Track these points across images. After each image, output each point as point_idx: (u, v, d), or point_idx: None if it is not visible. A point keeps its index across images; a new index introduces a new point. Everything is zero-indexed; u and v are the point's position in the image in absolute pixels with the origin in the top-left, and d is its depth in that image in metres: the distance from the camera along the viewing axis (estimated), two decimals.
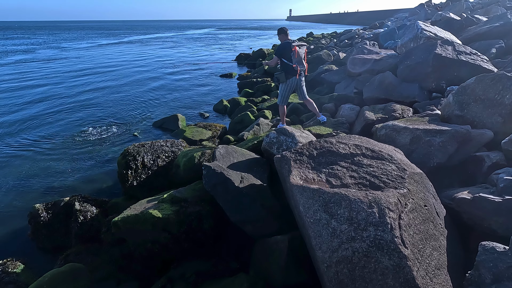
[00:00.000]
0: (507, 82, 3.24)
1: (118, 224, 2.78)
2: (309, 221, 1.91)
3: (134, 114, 8.41)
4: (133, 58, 20.63)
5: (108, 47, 29.17)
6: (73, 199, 3.66)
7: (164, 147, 4.35)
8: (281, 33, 4.73)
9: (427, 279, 1.64)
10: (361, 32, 19.23)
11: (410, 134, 3.22)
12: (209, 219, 2.89)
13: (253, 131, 5.44)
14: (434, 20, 10.20)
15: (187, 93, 10.92)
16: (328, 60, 11.17)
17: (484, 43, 6.80)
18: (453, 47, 5.33)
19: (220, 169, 2.89)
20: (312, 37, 26.82)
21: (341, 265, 1.72)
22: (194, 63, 17.01)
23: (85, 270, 2.82)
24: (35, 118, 8.04)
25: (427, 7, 17.57)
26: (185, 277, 2.66)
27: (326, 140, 2.55)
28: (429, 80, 5.20)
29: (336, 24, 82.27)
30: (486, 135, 3.12)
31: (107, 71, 15.57)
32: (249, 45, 28.87)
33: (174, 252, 2.79)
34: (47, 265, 3.14)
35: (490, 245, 1.67)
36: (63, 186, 4.77)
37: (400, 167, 2.18)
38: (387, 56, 7.11)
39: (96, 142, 6.37)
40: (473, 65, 4.98)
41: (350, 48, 12.60)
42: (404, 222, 1.76)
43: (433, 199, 2.16)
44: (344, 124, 4.65)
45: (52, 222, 3.55)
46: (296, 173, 2.25)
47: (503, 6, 12.46)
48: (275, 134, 3.46)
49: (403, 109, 4.48)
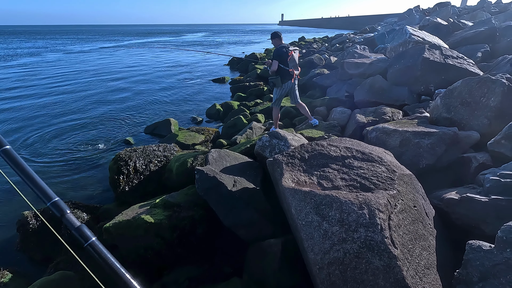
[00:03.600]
0: (492, 85, 3.34)
1: (109, 230, 2.75)
2: (301, 224, 1.92)
3: (126, 119, 8.34)
4: (124, 63, 20.49)
5: (95, 52, 28.92)
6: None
7: (157, 152, 4.33)
8: (275, 37, 4.75)
9: (416, 278, 1.67)
10: (352, 37, 19.54)
11: (399, 136, 3.29)
12: (202, 224, 2.88)
13: (246, 134, 5.45)
14: (422, 25, 10.44)
15: (179, 98, 10.89)
16: (320, 64, 11.30)
17: (470, 47, 6.99)
18: (440, 51, 5.46)
19: (213, 173, 2.89)
20: (303, 41, 27.12)
21: (333, 267, 1.74)
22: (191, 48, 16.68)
23: (75, 278, 2.77)
24: (20, 126, 7.89)
25: (415, 12, 17.97)
26: (178, 283, 2.64)
27: (318, 143, 2.59)
28: (418, 84, 5.31)
29: (327, 28, 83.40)
30: (473, 136, 3.21)
31: (95, 75, 15.42)
32: (241, 50, 29.01)
33: (167, 257, 2.77)
34: (36, 273, 3.07)
35: (477, 243, 1.72)
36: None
37: (390, 169, 2.22)
38: (377, 60, 7.24)
39: (87, 147, 6.29)
40: (460, 69, 5.11)
41: (341, 52, 12.79)
42: (393, 222, 1.79)
43: (422, 200, 2.20)
44: (336, 127, 4.70)
45: (41, 229, 3.48)
46: (288, 176, 2.27)
47: (488, 11, 12.84)
48: (267, 138, 3.48)
49: (393, 111, 4.56)
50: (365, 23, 44.89)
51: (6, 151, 0.90)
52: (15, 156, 0.90)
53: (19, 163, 0.89)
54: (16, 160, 0.90)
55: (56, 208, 0.87)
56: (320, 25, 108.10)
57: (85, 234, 0.85)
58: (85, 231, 0.85)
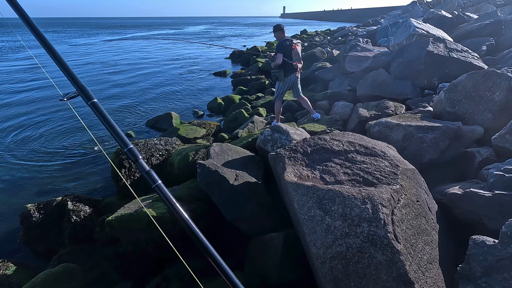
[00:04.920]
0: (497, 79, 3.29)
1: (112, 224, 2.76)
2: (303, 218, 1.92)
3: (127, 113, 8.32)
4: (125, 57, 20.37)
5: (95, 45, 28.74)
6: (65, 199, 3.62)
7: (158, 146, 4.32)
8: (277, 30, 4.68)
9: (419, 273, 1.67)
10: (354, 30, 19.31)
11: (402, 130, 3.26)
12: (204, 217, 2.89)
13: (248, 128, 5.43)
14: (426, 18, 10.30)
15: (180, 91, 10.84)
16: (322, 57, 11.20)
17: (475, 41, 6.89)
18: (444, 45, 5.39)
19: (214, 167, 2.88)
20: (305, 35, 26.83)
21: (335, 261, 1.73)
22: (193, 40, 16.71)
23: (78, 270, 2.79)
24: (23, 120, 7.89)
25: (419, 4, 17.71)
26: (180, 276, 2.65)
27: (320, 137, 2.57)
28: (421, 77, 5.25)
29: (329, 21, 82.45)
30: (476, 131, 3.17)
31: (96, 69, 15.35)
32: (243, 43, 28.75)
33: (168, 250, 2.78)
34: (40, 266, 3.10)
35: (480, 239, 1.71)
36: (55, 186, 4.71)
37: (393, 163, 2.21)
38: (380, 53, 7.15)
39: (89, 141, 6.29)
40: (464, 62, 5.05)
41: (343, 45, 12.65)
42: (397, 217, 1.78)
43: (425, 195, 2.19)
44: (338, 121, 4.67)
45: (44, 222, 3.50)
46: (290, 170, 2.26)
47: (493, 4, 12.63)
48: (269, 132, 3.46)
49: (396, 106, 4.52)
50: (368, 16, 44.33)
51: (94, 104, 1.03)
52: (101, 108, 1.03)
53: (104, 114, 1.02)
54: (102, 112, 1.02)
55: (131, 153, 0.99)
56: (322, 18, 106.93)
57: (154, 177, 0.96)
58: (153, 175, 0.97)
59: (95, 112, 1.02)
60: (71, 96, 1.07)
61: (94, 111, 1.02)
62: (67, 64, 1.09)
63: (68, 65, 1.08)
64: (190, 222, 0.91)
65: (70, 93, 1.07)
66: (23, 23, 1.10)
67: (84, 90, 1.05)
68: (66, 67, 1.07)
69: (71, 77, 1.06)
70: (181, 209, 0.93)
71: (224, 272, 0.90)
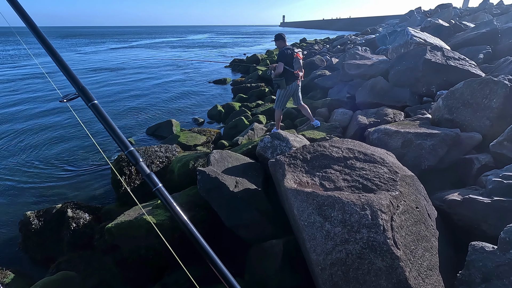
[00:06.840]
0: (494, 87, 3.34)
1: (111, 231, 2.76)
2: (303, 224, 1.92)
3: (127, 120, 8.37)
4: (125, 64, 20.57)
5: (94, 54, 29.04)
6: (65, 206, 3.62)
7: (158, 153, 4.34)
8: (279, 39, 4.75)
9: (419, 279, 1.67)
10: (353, 38, 19.55)
11: (401, 137, 3.28)
12: (204, 224, 2.88)
13: (248, 136, 5.46)
14: (423, 27, 10.45)
15: (181, 99, 10.92)
16: (321, 65, 11.31)
17: (472, 49, 6.98)
18: (442, 53, 5.46)
19: (214, 174, 2.89)
20: (305, 43, 27.15)
21: (335, 267, 1.73)
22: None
23: (77, 278, 2.77)
24: (24, 126, 7.93)
25: (416, 13, 17.98)
26: (179, 284, 2.64)
27: (320, 144, 2.59)
28: (419, 85, 5.31)
29: (328, 30, 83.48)
30: (475, 138, 3.20)
31: (97, 76, 15.49)
32: (243, 51, 29.05)
33: (168, 258, 2.77)
34: (38, 273, 3.08)
35: (479, 245, 1.71)
36: (55, 194, 4.71)
37: (392, 170, 2.22)
38: (379, 61, 7.24)
39: (89, 149, 6.31)
40: (462, 70, 5.11)
41: (342, 53, 12.80)
42: (396, 223, 1.79)
43: (425, 201, 2.20)
44: (338, 128, 4.70)
45: (43, 229, 3.49)
46: (290, 177, 2.27)
47: (490, 13, 12.83)
48: (269, 139, 3.48)
49: (394, 113, 4.56)
50: (366, 24, 44.94)
51: (95, 105, 1.01)
52: (101, 110, 1.01)
53: (105, 116, 1.01)
54: (102, 114, 1.01)
55: (132, 156, 0.98)
56: (321, 27, 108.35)
57: (154, 181, 0.96)
58: (154, 178, 0.97)
59: (96, 114, 1.00)
60: (71, 98, 1.04)
61: (95, 113, 1.00)
62: (68, 65, 1.06)
63: (69, 66, 1.06)
64: (191, 226, 0.91)
65: (70, 95, 1.04)
66: (21, 20, 1.06)
67: (84, 92, 1.03)
68: (66, 68, 1.04)
69: (71, 78, 1.03)
70: (182, 213, 0.93)
71: (225, 277, 0.89)
